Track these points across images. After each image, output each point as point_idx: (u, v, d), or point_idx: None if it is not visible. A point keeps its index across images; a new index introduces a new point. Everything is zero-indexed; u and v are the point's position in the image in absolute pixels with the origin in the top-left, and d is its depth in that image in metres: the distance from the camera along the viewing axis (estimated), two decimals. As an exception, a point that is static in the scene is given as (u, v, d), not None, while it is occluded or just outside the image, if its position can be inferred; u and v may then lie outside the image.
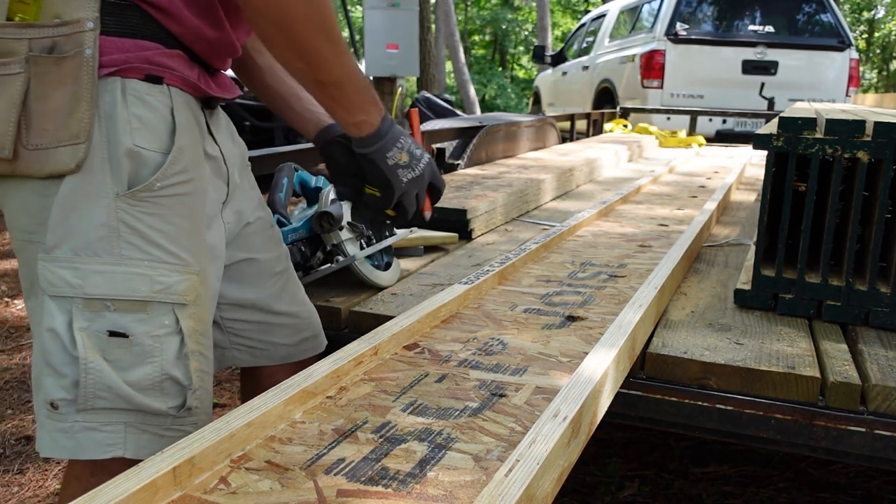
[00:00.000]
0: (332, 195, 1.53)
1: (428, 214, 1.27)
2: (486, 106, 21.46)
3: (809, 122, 1.41)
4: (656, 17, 6.90)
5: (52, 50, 0.91)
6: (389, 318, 1.26)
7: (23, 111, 0.91)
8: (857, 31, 25.07)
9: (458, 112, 8.26)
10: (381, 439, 0.85)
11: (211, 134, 1.10)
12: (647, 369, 1.24)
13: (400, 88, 8.16)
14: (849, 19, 23.83)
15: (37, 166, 0.92)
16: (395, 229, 1.71)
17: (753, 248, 1.62)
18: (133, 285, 0.94)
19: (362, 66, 8.29)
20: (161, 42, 0.98)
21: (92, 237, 0.94)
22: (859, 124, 1.36)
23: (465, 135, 3.55)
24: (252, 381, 1.32)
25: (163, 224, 0.97)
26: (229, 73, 1.22)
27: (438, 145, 3.38)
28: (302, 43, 1.00)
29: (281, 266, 1.27)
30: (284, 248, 1.31)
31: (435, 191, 1.27)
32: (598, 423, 0.97)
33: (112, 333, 0.94)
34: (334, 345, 1.33)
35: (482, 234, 2.16)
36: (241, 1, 0.97)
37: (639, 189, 2.94)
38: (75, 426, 0.96)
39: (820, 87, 6.63)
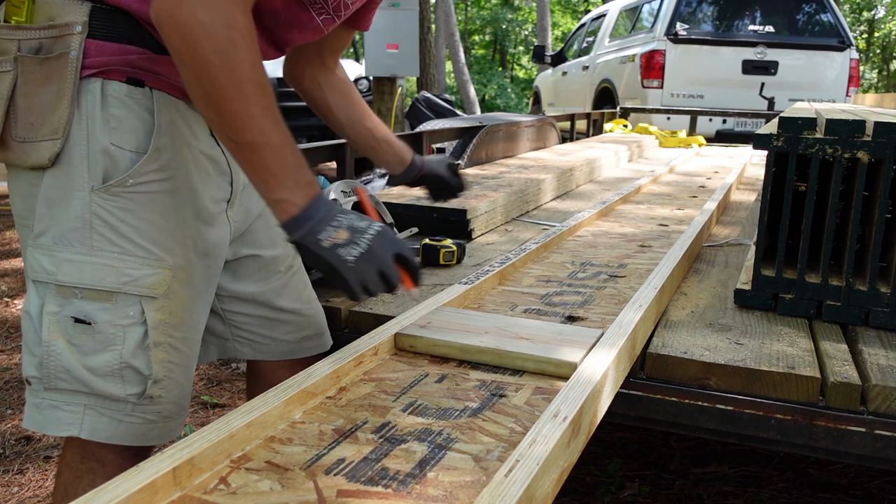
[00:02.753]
0: (332, 195, 1.53)
1: (415, 291, 1.05)
2: (486, 106, 21.46)
3: (809, 122, 1.41)
4: (656, 17, 6.90)
5: (38, 51, 0.96)
6: (389, 318, 1.26)
7: (11, 106, 0.97)
8: (857, 31, 25.06)
9: (458, 112, 8.26)
10: (381, 440, 0.85)
11: (212, 135, 1.11)
12: (647, 369, 1.24)
13: (400, 88, 8.15)
14: (849, 19, 23.83)
15: (23, 157, 0.98)
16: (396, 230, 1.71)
17: (753, 248, 1.62)
18: (100, 276, 0.99)
19: (362, 67, 8.26)
20: (148, 48, 1.01)
21: (68, 227, 0.99)
22: (859, 124, 1.36)
23: (465, 135, 3.55)
24: (253, 377, 1.34)
25: (135, 220, 1.01)
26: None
27: (438, 145, 3.37)
28: (211, 91, 0.90)
29: (286, 263, 1.27)
30: None
31: (405, 262, 1.01)
32: (598, 423, 0.97)
33: (77, 320, 1.00)
34: (334, 345, 1.33)
35: (482, 234, 2.16)
36: (161, 34, 0.91)
37: (639, 189, 2.94)
38: (43, 403, 1.02)
39: (820, 87, 6.62)
